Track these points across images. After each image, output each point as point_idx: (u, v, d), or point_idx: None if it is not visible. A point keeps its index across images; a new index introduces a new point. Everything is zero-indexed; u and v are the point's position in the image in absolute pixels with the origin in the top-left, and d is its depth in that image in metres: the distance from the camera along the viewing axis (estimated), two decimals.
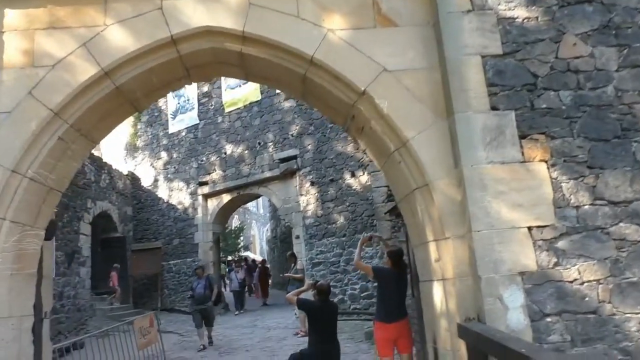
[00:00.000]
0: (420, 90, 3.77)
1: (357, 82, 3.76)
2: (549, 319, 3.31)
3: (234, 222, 39.91)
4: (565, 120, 3.62)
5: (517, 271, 3.33)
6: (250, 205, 48.14)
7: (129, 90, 4.00)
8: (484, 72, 3.64)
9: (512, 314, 3.27)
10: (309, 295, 6.59)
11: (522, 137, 3.57)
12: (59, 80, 3.70)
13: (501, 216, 3.40)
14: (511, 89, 3.65)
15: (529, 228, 3.41)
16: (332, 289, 12.94)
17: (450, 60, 3.65)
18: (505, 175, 3.47)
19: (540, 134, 3.59)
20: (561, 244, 3.42)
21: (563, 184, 3.52)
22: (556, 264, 3.39)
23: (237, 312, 15.63)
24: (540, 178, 3.49)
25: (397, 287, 5.11)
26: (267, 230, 47.25)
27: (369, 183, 12.79)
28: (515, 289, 3.31)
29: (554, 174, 3.53)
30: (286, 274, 11.21)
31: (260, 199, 48.67)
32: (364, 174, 12.98)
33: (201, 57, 4.03)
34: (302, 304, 5.85)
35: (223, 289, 18.01)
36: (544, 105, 3.64)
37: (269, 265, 24.34)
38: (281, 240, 23.97)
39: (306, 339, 10.28)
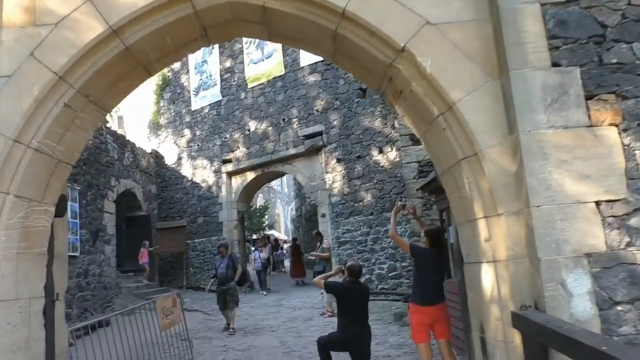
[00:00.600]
0: (468, 45, 3.28)
1: (396, 38, 3.29)
2: (619, 308, 2.85)
3: (259, 200, 39.85)
4: (639, 78, 3.10)
5: (582, 252, 2.87)
6: (275, 184, 48.07)
7: (140, 52, 3.62)
8: (543, 23, 3.14)
9: (576, 302, 2.83)
10: (336, 280, 6.26)
11: (589, 97, 3.07)
12: (63, 40, 3.33)
13: (564, 189, 2.93)
14: (575, 41, 3.14)
15: (597, 203, 2.93)
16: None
17: (503, 9, 3.15)
18: (569, 142, 2.98)
19: (609, 93, 3.08)
20: (635, 221, 2.94)
21: (637, 152, 3.02)
22: (629, 244, 2.92)
23: (262, 292, 15.30)
24: (609, 145, 3.00)
25: (435, 268, 4.69)
26: (292, 209, 47.19)
27: (398, 159, 12.33)
28: (581, 273, 2.86)
29: (626, 140, 3.03)
30: (312, 253, 10.87)
31: (284, 178, 48.63)
32: (392, 150, 12.50)
33: (219, 14, 3.60)
34: (330, 287, 5.51)
35: (249, 268, 17.71)
36: (615, 60, 3.12)
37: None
38: (306, 219, 23.72)
39: (333, 319, 10.00)
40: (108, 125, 14.22)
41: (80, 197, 11.63)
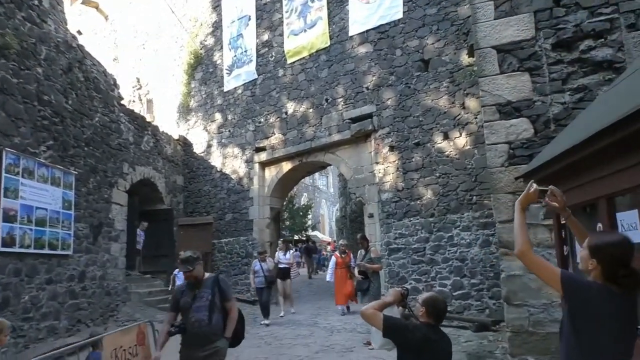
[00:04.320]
0: None
1: None
2: None
3: (303, 199, 37.89)
4: None
5: None
6: (320, 183, 45.90)
7: None
8: None
9: None
10: (395, 312, 3.72)
11: None
12: None
13: None
14: None
15: None
16: (415, 284, 9.94)
17: None
18: None
19: None
20: None
21: None
22: None
23: (263, 322, 10.61)
24: None
25: (622, 328, 2.14)
26: (337, 209, 44.88)
27: (469, 147, 9.75)
28: None
29: None
30: (359, 263, 8.33)
31: (330, 176, 46.44)
32: (461, 135, 9.87)
33: None
34: (393, 330, 2.98)
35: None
36: None
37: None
38: (351, 220, 21.29)
39: (381, 354, 7.49)
40: (122, 102, 12.22)
41: (79, 183, 9.64)
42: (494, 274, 9.11)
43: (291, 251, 12.83)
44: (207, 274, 4.32)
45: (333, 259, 11.31)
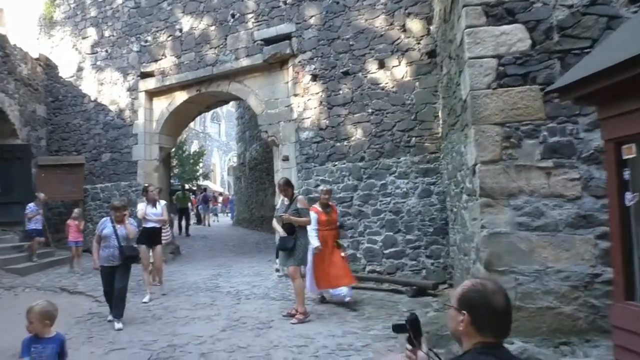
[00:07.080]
0: None
1: None
2: None
3: (193, 147, 34.83)
4: None
5: None
6: (212, 130, 42.79)
7: None
8: None
9: None
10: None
11: None
12: None
13: None
14: None
15: None
16: (342, 240, 8.14)
17: None
18: None
19: None
20: None
21: None
22: None
23: (111, 318, 6.36)
24: None
25: None
26: (230, 159, 42.29)
27: (409, 79, 8.15)
28: None
29: None
30: (282, 215, 6.40)
31: (222, 123, 43.46)
32: (400, 63, 8.23)
33: None
34: None
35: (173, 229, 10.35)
36: None
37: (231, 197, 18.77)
38: (251, 168, 19.32)
39: (309, 328, 5.85)
40: None
41: None
42: (434, 230, 7.80)
43: (162, 202, 8.27)
44: None
45: (314, 215, 6.72)
